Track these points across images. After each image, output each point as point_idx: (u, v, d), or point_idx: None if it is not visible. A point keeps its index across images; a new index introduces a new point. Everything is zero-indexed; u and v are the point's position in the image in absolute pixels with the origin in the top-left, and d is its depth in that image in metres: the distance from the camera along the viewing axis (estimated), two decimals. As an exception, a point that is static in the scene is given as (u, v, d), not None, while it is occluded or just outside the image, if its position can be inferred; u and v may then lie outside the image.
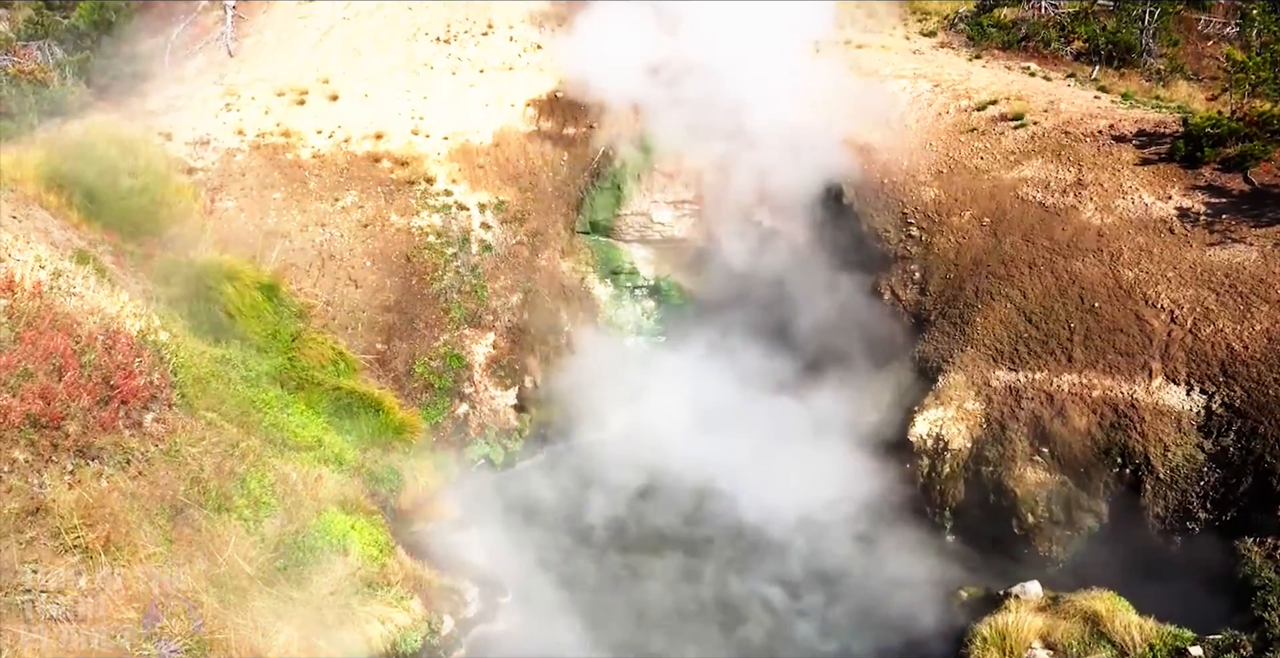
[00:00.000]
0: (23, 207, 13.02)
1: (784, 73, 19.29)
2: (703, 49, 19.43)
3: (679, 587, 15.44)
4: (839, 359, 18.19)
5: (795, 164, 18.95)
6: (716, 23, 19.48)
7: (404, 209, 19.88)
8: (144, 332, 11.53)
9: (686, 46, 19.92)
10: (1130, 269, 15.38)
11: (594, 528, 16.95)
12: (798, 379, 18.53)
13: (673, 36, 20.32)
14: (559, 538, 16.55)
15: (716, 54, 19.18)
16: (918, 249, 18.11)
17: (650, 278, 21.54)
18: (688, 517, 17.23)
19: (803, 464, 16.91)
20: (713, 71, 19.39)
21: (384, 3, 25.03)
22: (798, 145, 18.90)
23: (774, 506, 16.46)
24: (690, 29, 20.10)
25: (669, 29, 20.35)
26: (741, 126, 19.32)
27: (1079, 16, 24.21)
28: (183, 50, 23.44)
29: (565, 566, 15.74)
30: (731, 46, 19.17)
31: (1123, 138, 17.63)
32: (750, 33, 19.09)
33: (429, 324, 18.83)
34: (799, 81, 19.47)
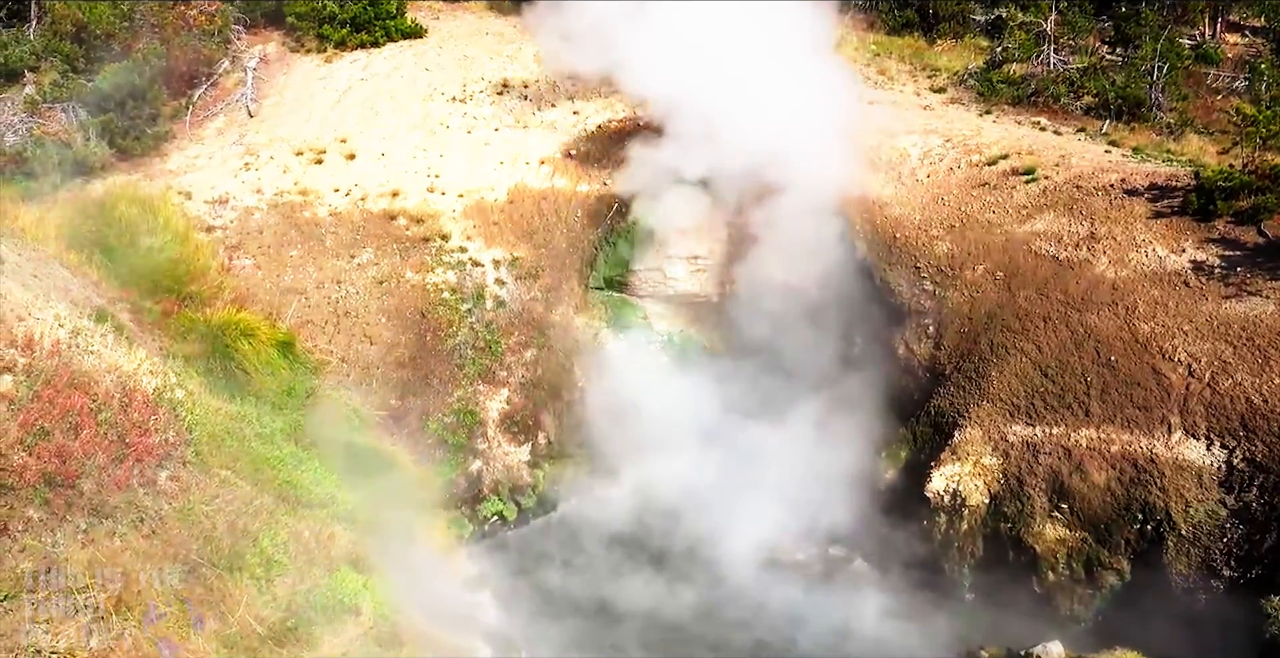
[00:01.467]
0: (44, 265, 13.17)
1: (795, 128, 19.48)
2: (713, 104, 19.63)
3: (695, 645, 15.22)
4: (854, 414, 18.10)
5: (807, 219, 19.05)
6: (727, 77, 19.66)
7: (419, 266, 20.04)
8: (160, 389, 11.58)
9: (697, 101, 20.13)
10: (1146, 322, 15.32)
11: (608, 587, 16.76)
12: (813, 435, 18.41)
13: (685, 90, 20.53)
14: (573, 597, 16.38)
15: (728, 109, 19.37)
16: (931, 303, 18.11)
17: (664, 333, 21.54)
18: (700, 574, 17.05)
19: (818, 522, 16.78)
20: (724, 126, 19.57)
21: (401, 64, 25.56)
22: (809, 200, 19.01)
23: (790, 564, 16.31)
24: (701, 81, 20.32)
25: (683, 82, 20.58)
26: (753, 182, 19.47)
27: (1088, 72, 24.46)
28: (204, 111, 23.91)
29: (579, 625, 15.55)
30: (744, 102, 19.36)
31: (1135, 191, 17.68)
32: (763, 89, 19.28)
33: (443, 380, 18.86)
34: (810, 137, 19.63)
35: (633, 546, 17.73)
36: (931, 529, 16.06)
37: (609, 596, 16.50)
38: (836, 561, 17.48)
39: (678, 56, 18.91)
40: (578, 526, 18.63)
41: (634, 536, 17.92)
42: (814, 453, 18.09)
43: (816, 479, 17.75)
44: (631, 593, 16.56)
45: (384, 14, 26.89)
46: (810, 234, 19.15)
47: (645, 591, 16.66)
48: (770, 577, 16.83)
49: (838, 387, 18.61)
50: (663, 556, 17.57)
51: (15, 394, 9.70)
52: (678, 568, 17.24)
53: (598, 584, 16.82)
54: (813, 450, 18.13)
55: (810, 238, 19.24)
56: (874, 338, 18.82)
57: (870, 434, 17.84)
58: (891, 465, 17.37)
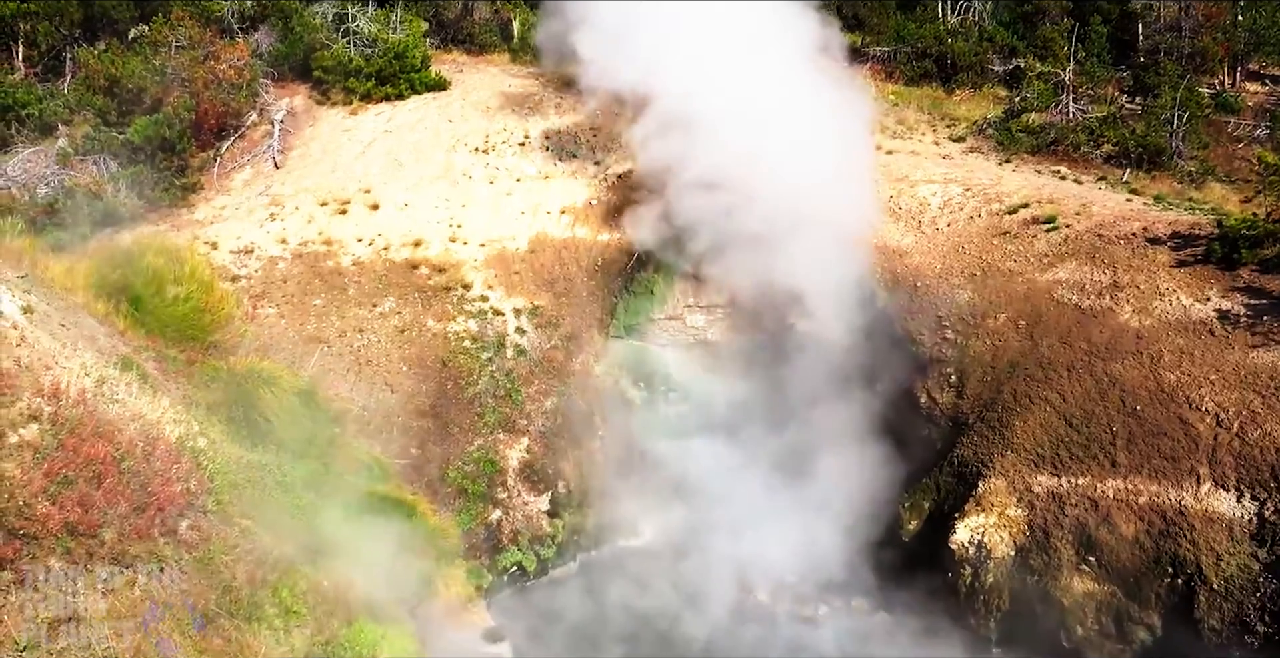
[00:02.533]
0: (71, 314, 13.31)
1: (816, 177, 19.56)
2: (733, 154, 19.77)
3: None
4: (875, 464, 17.94)
5: (828, 268, 19.05)
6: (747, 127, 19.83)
7: (440, 314, 20.16)
8: (183, 438, 11.62)
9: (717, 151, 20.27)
10: (1171, 372, 15.18)
11: (627, 639, 16.54)
12: (834, 484, 18.25)
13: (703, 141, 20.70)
14: (591, 649, 16.16)
15: (747, 159, 19.50)
16: (953, 352, 18.02)
17: (683, 382, 21.48)
18: (723, 627, 16.80)
19: (840, 573, 16.55)
20: (743, 176, 19.67)
21: (425, 116, 25.93)
22: (830, 249, 19.04)
23: (812, 616, 16.06)
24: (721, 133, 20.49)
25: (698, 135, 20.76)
26: (773, 230, 19.52)
27: (1107, 120, 24.55)
28: (231, 162, 24.30)
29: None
30: (762, 152, 19.48)
31: (1157, 240, 17.63)
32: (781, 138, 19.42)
33: (463, 429, 18.86)
34: (830, 186, 19.71)
35: (653, 598, 17.49)
36: (956, 581, 15.81)
37: (631, 651, 16.28)
38: (860, 613, 17.21)
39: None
40: (598, 577, 18.44)
41: (654, 588, 17.69)
42: (835, 503, 17.92)
43: (838, 530, 17.56)
44: (652, 647, 16.33)
45: (409, 67, 27.36)
46: (830, 283, 19.15)
47: (666, 645, 16.43)
48: (790, 631, 16.56)
49: (859, 436, 18.47)
50: (684, 608, 17.32)
51: (40, 443, 9.75)
52: (700, 621, 17.00)
53: (620, 638, 16.60)
54: (834, 500, 17.96)
55: (830, 287, 19.23)
56: (895, 386, 18.70)
57: (892, 484, 17.66)
58: (914, 516, 17.17)
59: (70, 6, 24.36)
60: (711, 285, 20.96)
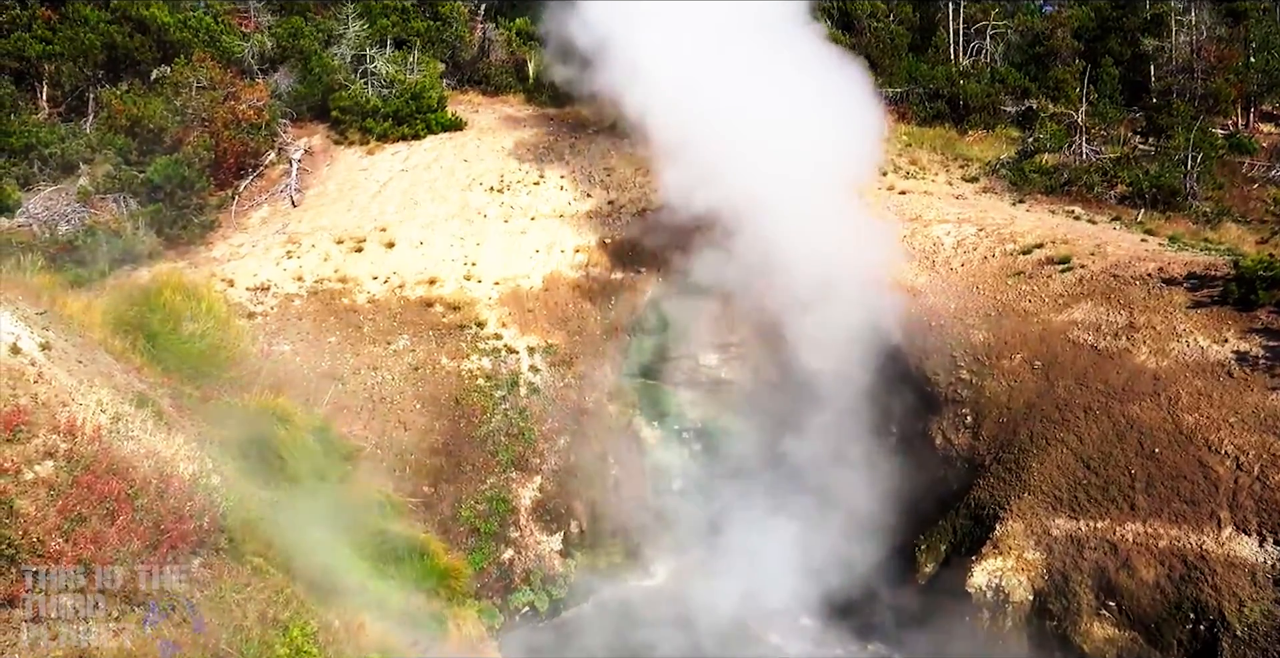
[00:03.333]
0: (89, 351, 13.37)
1: (830, 216, 19.60)
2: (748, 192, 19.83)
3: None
4: (891, 505, 17.77)
5: (842, 307, 19.01)
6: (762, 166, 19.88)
7: (455, 352, 20.18)
8: (196, 475, 11.60)
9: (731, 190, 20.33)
10: (1190, 414, 15.04)
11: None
12: (848, 525, 18.08)
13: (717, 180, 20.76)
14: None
15: (762, 197, 19.55)
16: (969, 392, 17.92)
17: (697, 421, 21.43)
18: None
19: (856, 617, 16.33)
20: (759, 214, 19.71)
21: (441, 155, 26.18)
22: (844, 288, 19.02)
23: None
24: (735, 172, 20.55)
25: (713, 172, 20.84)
26: (788, 270, 19.53)
27: (1121, 161, 24.61)
28: (249, 201, 24.54)
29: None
30: (778, 190, 19.53)
31: (1173, 280, 17.58)
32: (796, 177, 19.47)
33: (476, 467, 18.80)
34: (844, 225, 19.75)
35: (665, 640, 17.28)
36: (974, 626, 15.56)
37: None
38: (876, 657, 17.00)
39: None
40: (610, 618, 18.24)
41: (666, 630, 17.47)
42: (850, 545, 17.74)
43: (853, 573, 17.36)
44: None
45: (425, 108, 27.69)
46: (843, 323, 19.11)
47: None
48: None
49: (873, 476, 18.32)
50: (696, 651, 17.09)
51: (55, 480, 9.75)
52: (711, 653, 16.77)
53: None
54: (848, 543, 17.78)
55: (844, 326, 19.19)
56: (910, 427, 18.60)
57: (908, 526, 17.48)
58: (931, 559, 16.96)
59: (94, 48, 24.75)
60: (725, 324, 20.96)
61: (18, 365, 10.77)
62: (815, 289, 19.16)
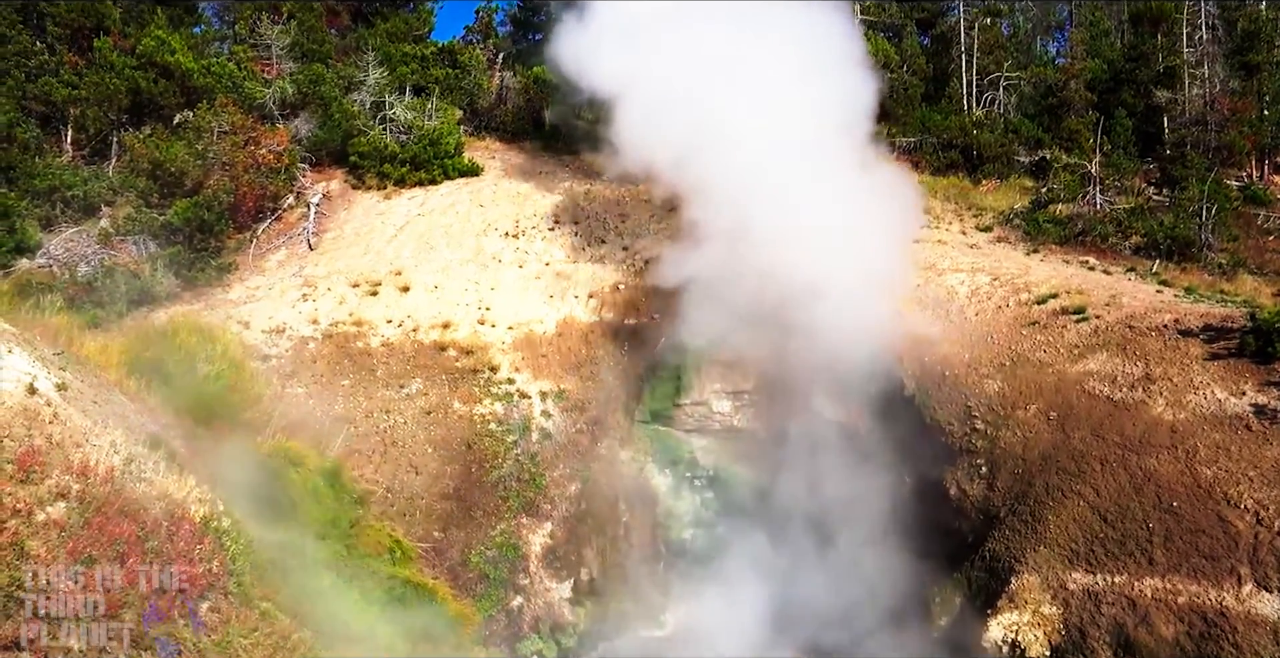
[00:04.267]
0: (104, 392, 13.42)
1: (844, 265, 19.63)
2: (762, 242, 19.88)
3: None
4: (905, 556, 17.58)
5: (856, 356, 18.97)
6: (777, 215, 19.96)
7: (467, 397, 20.18)
8: (207, 517, 11.56)
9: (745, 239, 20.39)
10: (1208, 467, 14.87)
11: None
12: (862, 577, 17.87)
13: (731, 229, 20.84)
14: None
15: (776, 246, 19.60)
16: (983, 443, 17.78)
17: (710, 468, 21.28)
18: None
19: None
20: (773, 263, 19.73)
21: (457, 201, 26.43)
22: (858, 337, 18.99)
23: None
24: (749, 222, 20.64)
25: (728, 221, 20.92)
26: (801, 318, 19.52)
27: (1135, 212, 24.64)
28: (267, 244, 24.77)
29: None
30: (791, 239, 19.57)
31: (1189, 332, 17.49)
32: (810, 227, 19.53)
33: (487, 513, 18.69)
34: (858, 274, 19.77)
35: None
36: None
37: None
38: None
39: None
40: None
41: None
42: (862, 598, 17.50)
43: (866, 625, 17.10)
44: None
45: (442, 153, 28.02)
46: (857, 371, 19.06)
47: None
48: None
49: (887, 527, 18.15)
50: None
51: (67, 521, 9.73)
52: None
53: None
54: (861, 595, 17.55)
55: (857, 375, 19.13)
56: (924, 476, 18.43)
57: (922, 577, 17.25)
58: (945, 613, 16.70)
59: (119, 92, 25.17)
60: (738, 371, 20.92)
61: (33, 406, 10.81)
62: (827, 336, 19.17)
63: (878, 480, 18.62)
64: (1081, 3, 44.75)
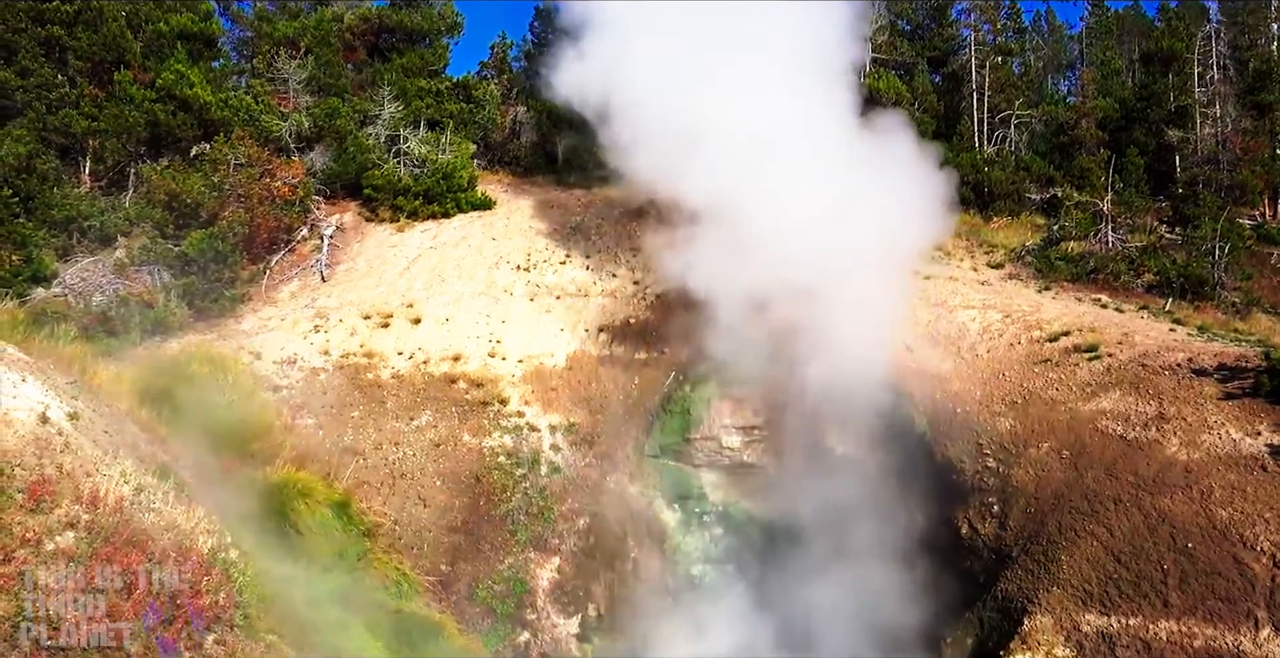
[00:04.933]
0: (116, 421, 13.45)
1: (855, 301, 19.61)
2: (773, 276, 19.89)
3: None
4: (916, 595, 17.39)
5: (867, 392, 18.92)
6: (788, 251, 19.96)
7: (476, 429, 20.16)
8: (215, 549, 11.52)
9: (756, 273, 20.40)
10: (1223, 508, 14.72)
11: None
12: (873, 615, 17.68)
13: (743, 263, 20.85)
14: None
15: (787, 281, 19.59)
16: (995, 481, 17.65)
17: (719, 504, 21.16)
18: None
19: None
20: (784, 298, 19.73)
21: (470, 234, 26.56)
22: (869, 373, 18.95)
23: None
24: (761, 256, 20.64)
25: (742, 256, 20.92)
26: (813, 354, 19.49)
27: (1147, 250, 24.61)
28: (280, 275, 24.90)
29: None
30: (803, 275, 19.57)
31: (1203, 371, 17.39)
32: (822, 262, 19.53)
33: (494, 546, 18.60)
34: (870, 310, 19.75)
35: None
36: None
37: None
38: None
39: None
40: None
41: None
42: (873, 637, 17.31)
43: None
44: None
45: (455, 187, 28.22)
46: (868, 407, 18.98)
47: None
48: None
49: (897, 566, 17.97)
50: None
51: (75, 551, 9.71)
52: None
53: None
54: (871, 634, 17.35)
55: (868, 411, 19.06)
56: (936, 515, 18.28)
57: (932, 618, 17.05)
58: (956, 653, 16.48)
59: (138, 125, 25.45)
60: (748, 406, 20.86)
61: (45, 435, 10.84)
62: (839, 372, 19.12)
63: (888, 518, 18.46)
64: (1092, 42, 45.09)
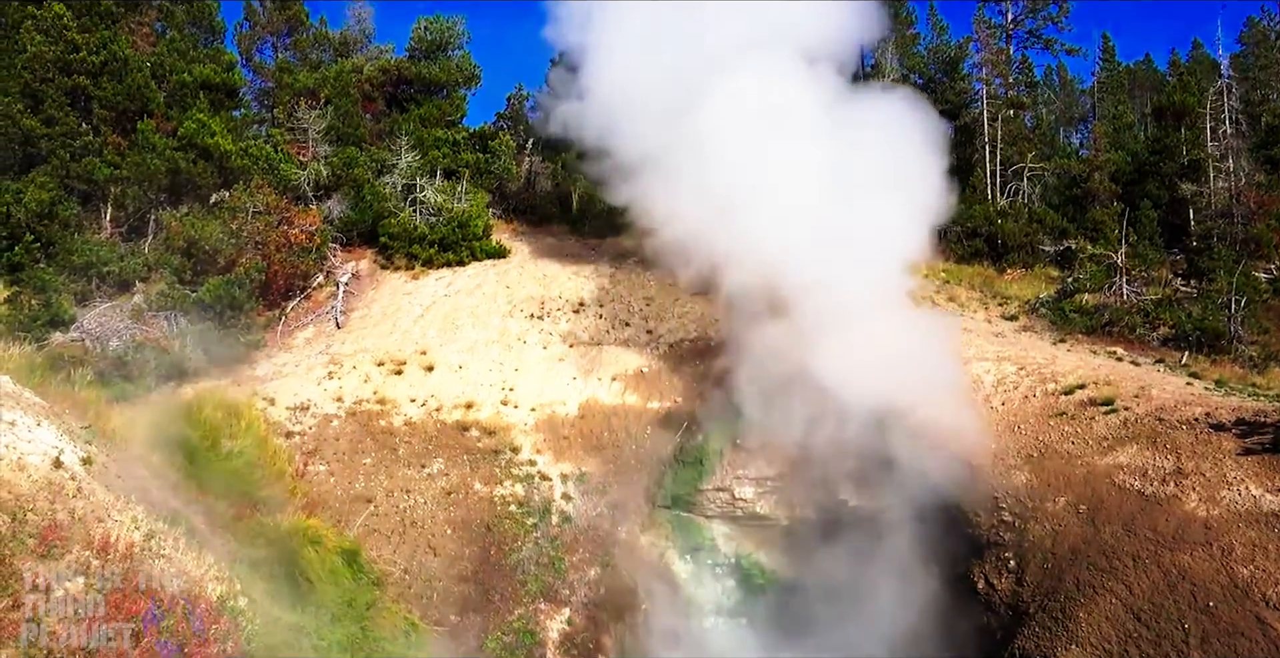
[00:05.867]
0: (128, 466, 13.46)
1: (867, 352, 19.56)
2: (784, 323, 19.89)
3: None
4: (932, 651, 17.10)
5: (880, 444, 18.79)
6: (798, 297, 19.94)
7: (488, 478, 20.08)
8: (224, 597, 11.45)
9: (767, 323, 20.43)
10: (1245, 566, 14.47)
11: None
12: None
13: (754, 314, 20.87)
14: None
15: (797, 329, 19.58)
16: (1011, 535, 17.42)
17: (731, 556, 20.93)
18: None
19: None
20: (794, 347, 19.70)
21: (484, 282, 26.71)
22: (883, 425, 18.84)
23: None
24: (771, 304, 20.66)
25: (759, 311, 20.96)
26: (825, 405, 19.41)
27: (1162, 303, 24.52)
28: (295, 322, 25.04)
29: None
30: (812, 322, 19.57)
31: (1221, 426, 17.22)
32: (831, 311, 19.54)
33: (504, 597, 18.41)
34: (882, 361, 19.69)
35: None
36: None
37: None
38: None
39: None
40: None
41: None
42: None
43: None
44: None
45: (470, 235, 28.45)
46: (881, 459, 18.83)
47: None
48: None
49: (912, 620, 17.68)
50: None
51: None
52: None
53: None
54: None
55: (881, 463, 18.90)
56: (950, 569, 18.03)
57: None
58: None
59: (159, 172, 25.78)
60: (761, 457, 20.72)
61: (58, 480, 10.85)
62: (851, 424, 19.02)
63: (903, 571, 18.21)
64: (1104, 96, 45.48)
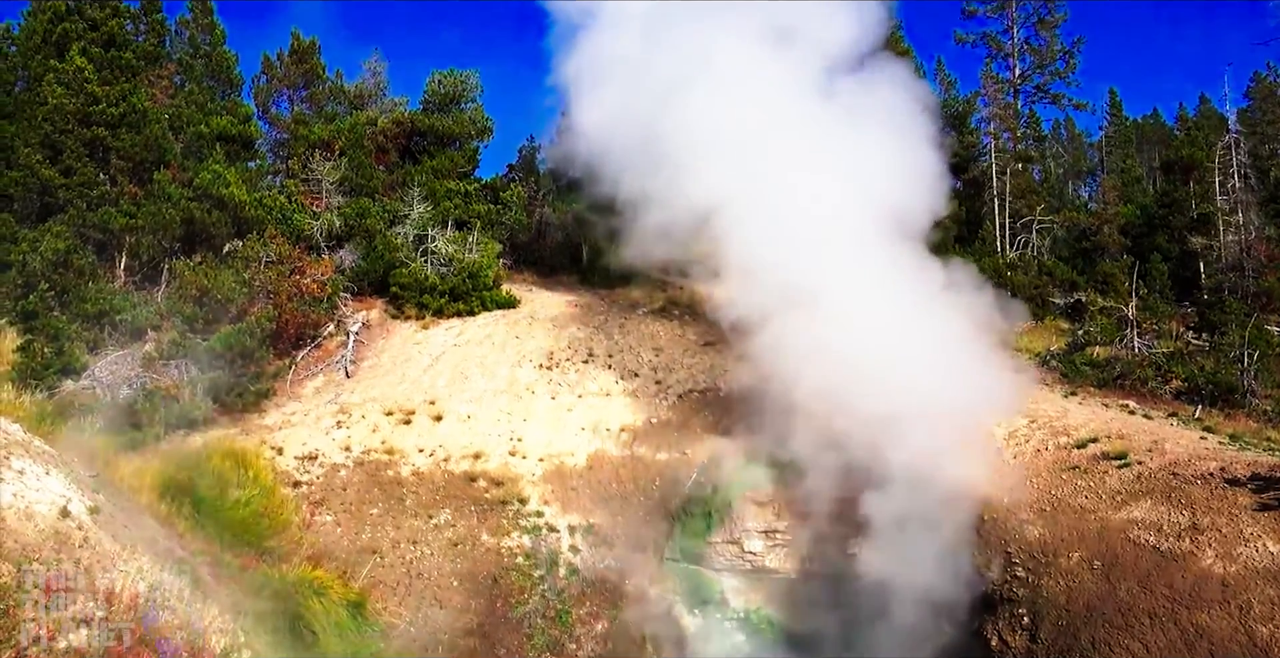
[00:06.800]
0: (135, 515, 13.42)
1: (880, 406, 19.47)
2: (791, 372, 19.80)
3: None
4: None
5: (889, 497, 18.64)
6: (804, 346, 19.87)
7: (495, 529, 19.93)
8: (227, 649, 11.34)
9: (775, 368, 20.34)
10: (1264, 625, 14.22)
11: None
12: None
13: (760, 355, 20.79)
14: None
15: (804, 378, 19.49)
16: (1025, 591, 17.17)
17: (741, 610, 20.65)
18: None
19: None
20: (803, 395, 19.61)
21: (494, 332, 26.77)
22: (892, 477, 18.69)
23: None
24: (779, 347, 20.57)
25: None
26: (833, 458, 19.29)
27: (1174, 356, 24.43)
28: (305, 371, 25.08)
29: None
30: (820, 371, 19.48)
31: (1237, 481, 17.04)
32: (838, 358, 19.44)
33: (510, 651, 18.16)
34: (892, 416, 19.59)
35: None
36: None
37: None
38: None
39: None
40: None
41: None
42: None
43: None
44: None
45: (481, 285, 28.60)
46: (894, 513, 18.66)
47: None
48: None
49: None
50: None
51: (88, 650, 9.58)
52: None
53: None
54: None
55: (891, 516, 18.72)
56: (963, 625, 17.75)
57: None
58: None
59: (174, 222, 26.03)
60: (771, 510, 20.55)
61: (65, 529, 10.82)
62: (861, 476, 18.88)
63: (915, 627, 17.93)
64: (1112, 150, 45.85)
